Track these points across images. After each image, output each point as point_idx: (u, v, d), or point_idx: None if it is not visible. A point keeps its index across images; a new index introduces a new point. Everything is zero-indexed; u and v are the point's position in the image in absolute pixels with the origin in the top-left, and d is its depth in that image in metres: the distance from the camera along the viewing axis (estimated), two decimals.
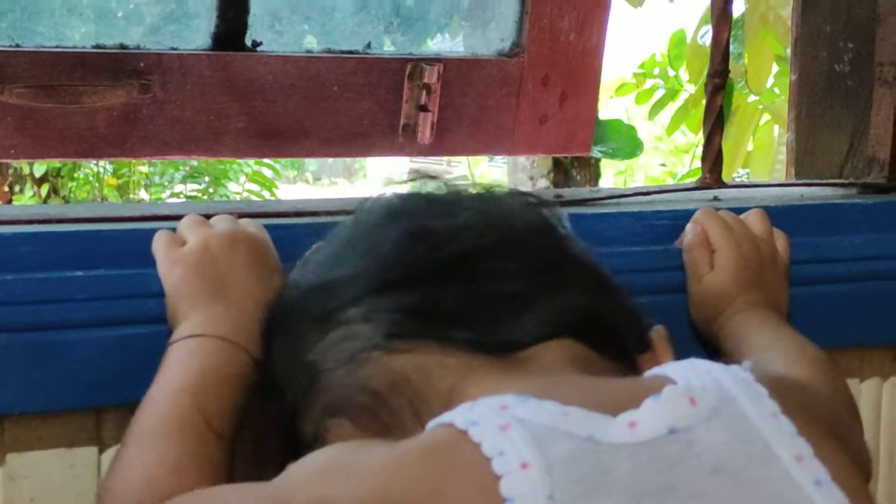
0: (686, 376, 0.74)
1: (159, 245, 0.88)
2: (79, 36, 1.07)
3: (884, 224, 1.14)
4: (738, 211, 1.06)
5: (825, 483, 0.69)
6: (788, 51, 1.32)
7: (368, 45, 1.26)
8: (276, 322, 0.86)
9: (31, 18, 1.16)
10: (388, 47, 1.28)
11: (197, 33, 1.06)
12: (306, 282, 0.86)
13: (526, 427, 0.66)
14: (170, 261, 0.87)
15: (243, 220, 0.92)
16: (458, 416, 0.69)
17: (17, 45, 1.01)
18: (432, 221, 0.85)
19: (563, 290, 0.85)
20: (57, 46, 1.03)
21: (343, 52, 1.21)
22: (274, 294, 0.90)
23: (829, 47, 1.27)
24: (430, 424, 0.71)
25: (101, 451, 0.91)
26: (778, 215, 1.06)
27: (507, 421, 0.66)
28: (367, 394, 0.80)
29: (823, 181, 1.24)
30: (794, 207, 1.15)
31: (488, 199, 0.92)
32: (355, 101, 1.19)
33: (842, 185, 1.22)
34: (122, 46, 1.02)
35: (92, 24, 1.12)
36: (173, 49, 1.04)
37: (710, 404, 0.71)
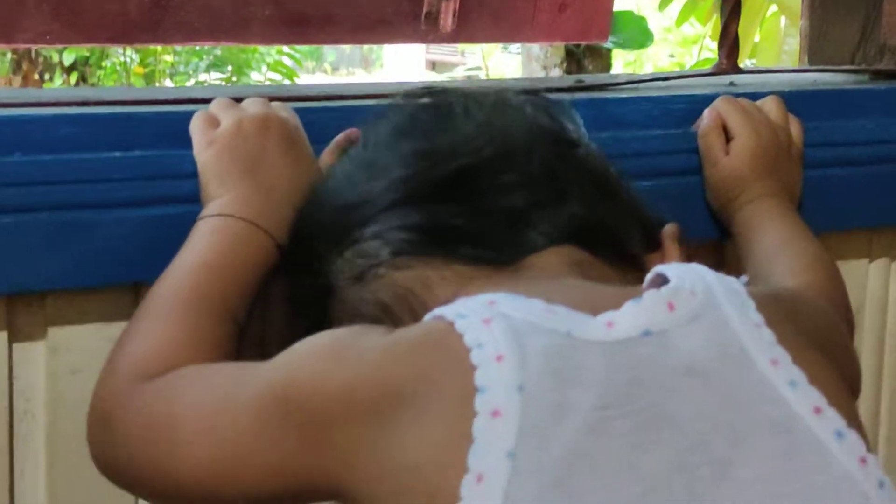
0: (681, 278, 0.76)
1: (196, 125, 0.90)
2: None
3: (894, 109, 1.15)
4: (754, 97, 1.07)
5: (801, 384, 0.72)
6: None
7: None
8: (297, 239, 0.89)
9: None
10: None
11: None
12: (324, 202, 0.89)
13: (508, 321, 0.69)
14: (205, 141, 0.89)
15: (275, 104, 0.93)
16: (448, 309, 0.71)
17: None
18: (434, 138, 0.88)
19: (561, 202, 0.86)
20: None
21: None
22: (305, 179, 0.92)
23: None
24: (426, 317, 0.74)
25: (15, 337, 0.93)
26: (792, 100, 1.06)
27: (491, 315, 0.69)
28: (375, 306, 0.83)
29: (836, 67, 1.25)
30: (807, 93, 1.15)
31: (492, 108, 0.92)
32: None
33: (854, 72, 1.22)
34: None
35: None
36: None
37: (692, 309, 0.73)
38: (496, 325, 0.69)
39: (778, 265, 0.97)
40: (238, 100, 0.93)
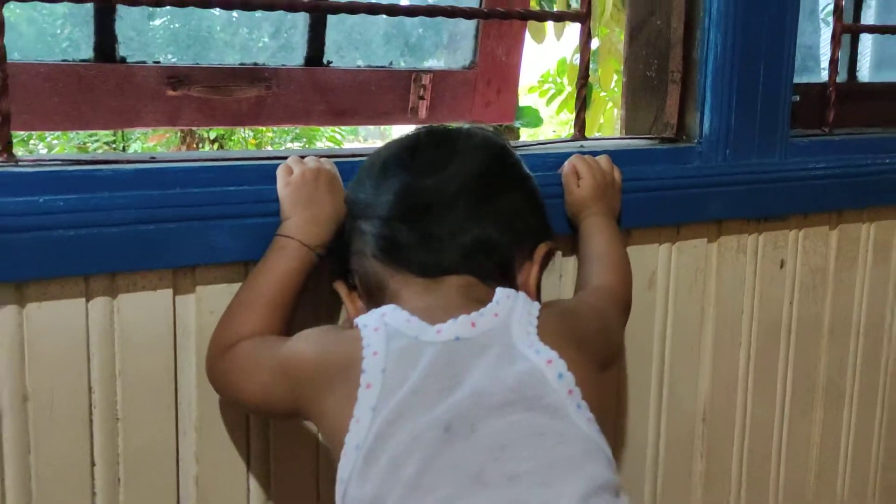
0: (498, 303, 0.86)
1: (279, 173, 0.97)
2: (231, 58, 1.09)
3: (672, 159, 1.21)
4: (594, 154, 1.11)
5: (544, 349, 0.82)
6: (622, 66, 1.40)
7: (391, 63, 1.28)
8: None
9: (203, 48, 1.21)
10: (402, 64, 1.33)
11: (295, 56, 1.11)
12: (348, 195, 0.97)
13: (386, 328, 0.83)
14: (283, 183, 0.96)
15: (323, 159, 0.99)
16: (363, 318, 0.86)
17: (197, 63, 1.03)
18: (412, 177, 0.92)
19: (480, 227, 0.91)
20: (219, 64, 1.05)
21: (377, 66, 1.20)
22: (340, 207, 0.96)
23: (643, 63, 1.29)
24: (356, 321, 0.87)
25: (178, 292, 0.96)
26: (615, 156, 1.12)
27: (378, 325, 0.84)
28: (363, 275, 0.93)
29: (640, 136, 1.29)
30: (624, 151, 1.20)
31: (462, 148, 0.96)
32: (385, 94, 1.20)
33: (650, 139, 1.27)
34: (255, 64, 1.05)
35: (238, 52, 1.17)
36: (283, 65, 1.08)
37: (488, 326, 0.84)
38: (380, 331, 0.83)
39: (595, 266, 1.04)
40: (303, 157, 0.98)
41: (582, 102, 1.23)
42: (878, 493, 1.52)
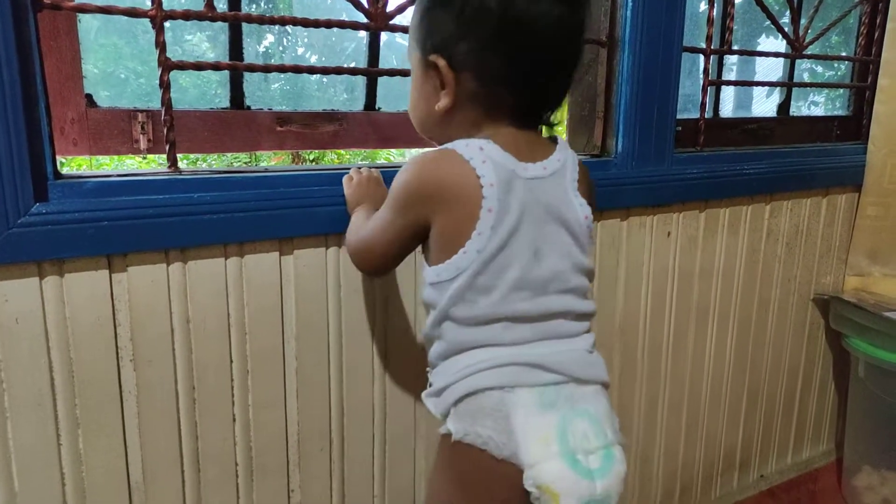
0: (559, 149, 0.74)
1: (344, 180, 0.91)
2: (318, 106, 1.04)
3: (598, 167, 1.17)
4: None
5: (584, 204, 0.74)
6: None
7: None
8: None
9: (301, 99, 1.22)
10: None
11: (358, 104, 1.04)
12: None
13: (492, 163, 0.68)
14: (347, 186, 0.91)
15: (374, 170, 0.93)
16: (464, 149, 0.69)
17: (296, 109, 0.99)
18: (554, 38, 0.68)
19: (565, 94, 0.74)
20: (310, 110, 1.00)
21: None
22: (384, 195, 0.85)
23: (580, 106, 1.25)
24: (455, 145, 0.69)
25: (242, 256, 0.94)
26: None
27: (484, 158, 0.68)
28: (471, 90, 0.70)
29: (579, 153, 1.22)
30: None
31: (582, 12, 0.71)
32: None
33: (585, 154, 1.21)
34: (333, 109, 1.00)
35: (323, 101, 1.17)
36: (350, 110, 1.02)
37: (553, 168, 0.72)
38: (487, 164, 0.68)
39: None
40: (359, 167, 0.93)
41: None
42: (729, 390, 1.50)
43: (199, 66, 0.89)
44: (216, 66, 0.91)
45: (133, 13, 0.84)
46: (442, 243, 0.70)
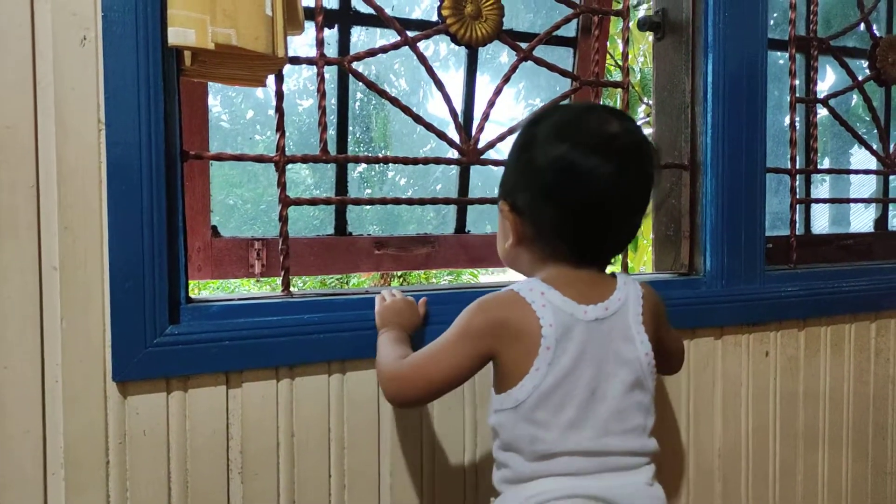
0: (620, 287, 0.76)
1: (377, 298, 0.92)
2: (412, 230, 1.17)
3: (687, 286, 1.18)
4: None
5: (645, 342, 0.76)
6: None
7: None
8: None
9: (396, 225, 1.31)
10: None
11: (449, 228, 1.10)
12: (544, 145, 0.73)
13: (551, 305, 0.72)
14: (378, 307, 0.91)
15: (407, 295, 0.93)
16: (522, 289, 0.73)
17: (391, 234, 1.06)
18: (612, 179, 0.71)
19: (632, 234, 0.78)
20: (402, 234, 1.07)
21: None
22: (414, 319, 0.90)
23: (665, 226, 1.28)
24: (517, 288, 0.74)
25: (344, 373, 0.92)
26: (653, 283, 0.95)
27: (544, 302, 0.72)
28: (531, 234, 0.76)
29: (664, 272, 1.24)
30: (657, 280, 1.16)
31: (646, 157, 0.75)
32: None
33: (672, 273, 1.22)
34: (426, 234, 1.07)
35: (416, 225, 1.24)
36: (441, 233, 1.09)
37: (615, 308, 0.75)
38: (547, 307, 0.72)
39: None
40: (393, 293, 0.98)
41: (625, 255, 1.19)
42: None
43: (314, 202, 1.00)
44: (328, 202, 1.02)
45: (261, 159, 0.96)
46: (504, 374, 0.74)
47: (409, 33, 1.04)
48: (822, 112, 1.43)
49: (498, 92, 1.11)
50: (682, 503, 1.20)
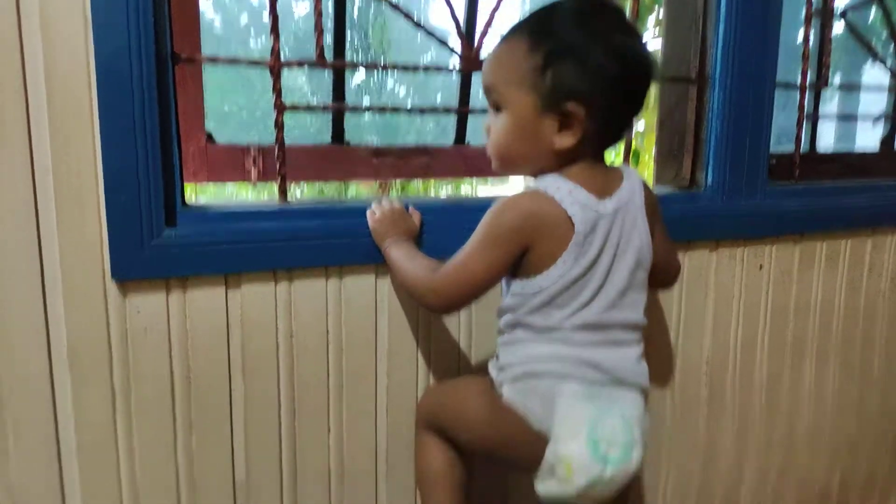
0: (625, 177, 0.80)
1: (368, 213, 0.91)
2: (410, 140, 1.12)
3: (687, 200, 1.17)
4: None
5: (645, 225, 0.81)
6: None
7: None
8: None
9: (395, 134, 1.25)
10: None
11: (448, 139, 1.07)
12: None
13: (578, 202, 0.75)
14: (371, 220, 0.91)
15: (395, 202, 0.92)
16: (548, 188, 0.76)
17: (390, 144, 1.02)
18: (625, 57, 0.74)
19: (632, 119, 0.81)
20: (403, 144, 1.02)
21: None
22: (409, 226, 0.90)
23: (668, 140, 1.24)
24: (531, 183, 0.78)
25: (342, 278, 0.88)
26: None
27: (573, 201, 0.75)
28: (593, 122, 0.76)
29: (666, 186, 1.23)
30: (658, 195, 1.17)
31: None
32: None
33: (673, 188, 1.21)
34: (424, 143, 1.03)
35: (415, 135, 1.20)
36: (441, 144, 1.05)
37: (626, 199, 0.79)
38: (576, 206, 0.74)
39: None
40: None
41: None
42: (830, 431, 1.42)
43: (310, 109, 0.97)
44: (325, 108, 0.99)
45: (256, 63, 0.93)
46: (532, 264, 0.78)
47: None
48: (835, 29, 1.37)
49: None
50: (666, 406, 1.24)
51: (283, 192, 0.98)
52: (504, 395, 0.81)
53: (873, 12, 2.27)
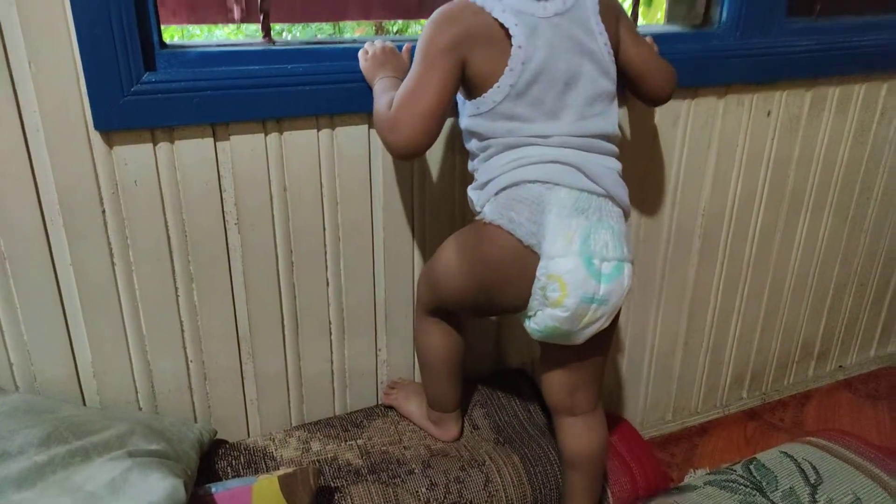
0: None
1: (360, 54, 0.89)
2: None
3: (697, 40, 1.13)
4: (656, 38, 0.98)
5: (602, 32, 0.79)
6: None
7: None
8: None
9: None
10: None
11: None
12: None
13: (509, 7, 0.75)
14: (363, 60, 0.88)
15: (388, 41, 0.90)
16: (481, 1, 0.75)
17: None
18: None
19: None
20: None
21: None
22: (399, 63, 0.87)
23: None
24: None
25: (333, 128, 0.93)
26: (660, 38, 1.01)
27: (504, 8, 0.74)
28: None
29: (679, 25, 1.17)
30: (665, 34, 1.10)
31: None
32: None
33: (682, 24, 1.15)
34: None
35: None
36: None
37: (574, 1, 0.78)
38: (507, 12, 0.74)
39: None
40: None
41: (636, 3, 1.12)
42: (816, 280, 1.46)
43: None
44: None
45: None
46: (479, 81, 0.76)
47: None
48: None
49: None
50: (659, 256, 1.26)
51: (266, 30, 0.92)
52: (486, 216, 0.78)
53: None
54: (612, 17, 0.83)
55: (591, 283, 0.73)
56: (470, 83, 0.78)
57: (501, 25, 0.74)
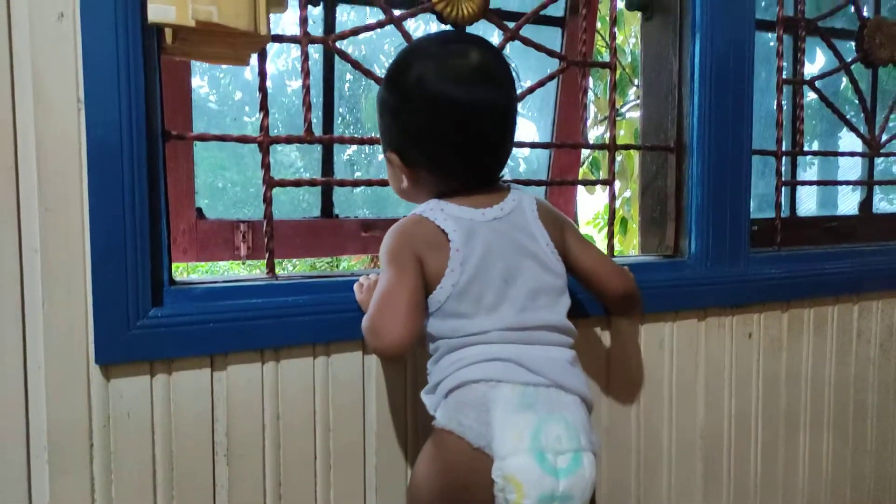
0: (513, 192, 0.86)
1: (355, 287, 0.94)
2: (401, 213, 1.11)
3: (672, 269, 1.21)
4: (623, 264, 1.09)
5: (544, 234, 0.84)
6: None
7: None
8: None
9: (383, 207, 1.28)
10: None
11: None
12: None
13: (451, 216, 0.81)
14: (358, 292, 0.93)
15: (373, 276, 0.94)
16: (424, 210, 0.82)
17: (379, 216, 1.07)
18: (470, 104, 0.80)
19: (508, 153, 0.86)
20: (393, 216, 1.04)
21: None
22: None
23: (651, 209, 1.30)
24: (423, 211, 0.82)
25: (329, 355, 0.88)
26: (637, 267, 1.11)
27: (446, 216, 0.81)
28: (418, 173, 0.85)
29: (649, 255, 1.27)
30: (642, 263, 1.19)
31: (503, 75, 0.84)
32: None
33: (658, 256, 1.24)
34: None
35: (405, 209, 1.24)
36: None
37: (510, 208, 0.84)
38: (449, 220, 0.81)
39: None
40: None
41: (611, 236, 1.22)
42: (829, 502, 1.42)
43: (298, 183, 1.00)
44: (313, 183, 1.02)
45: (244, 140, 0.97)
46: (431, 282, 0.81)
47: (396, 12, 1.03)
48: (812, 95, 1.46)
49: None
50: (663, 482, 1.23)
51: (271, 267, 1.00)
52: (438, 422, 0.78)
53: (844, 80, 2.43)
54: (555, 223, 0.88)
55: (547, 479, 0.71)
56: (426, 286, 0.81)
57: (443, 231, 0.81)
